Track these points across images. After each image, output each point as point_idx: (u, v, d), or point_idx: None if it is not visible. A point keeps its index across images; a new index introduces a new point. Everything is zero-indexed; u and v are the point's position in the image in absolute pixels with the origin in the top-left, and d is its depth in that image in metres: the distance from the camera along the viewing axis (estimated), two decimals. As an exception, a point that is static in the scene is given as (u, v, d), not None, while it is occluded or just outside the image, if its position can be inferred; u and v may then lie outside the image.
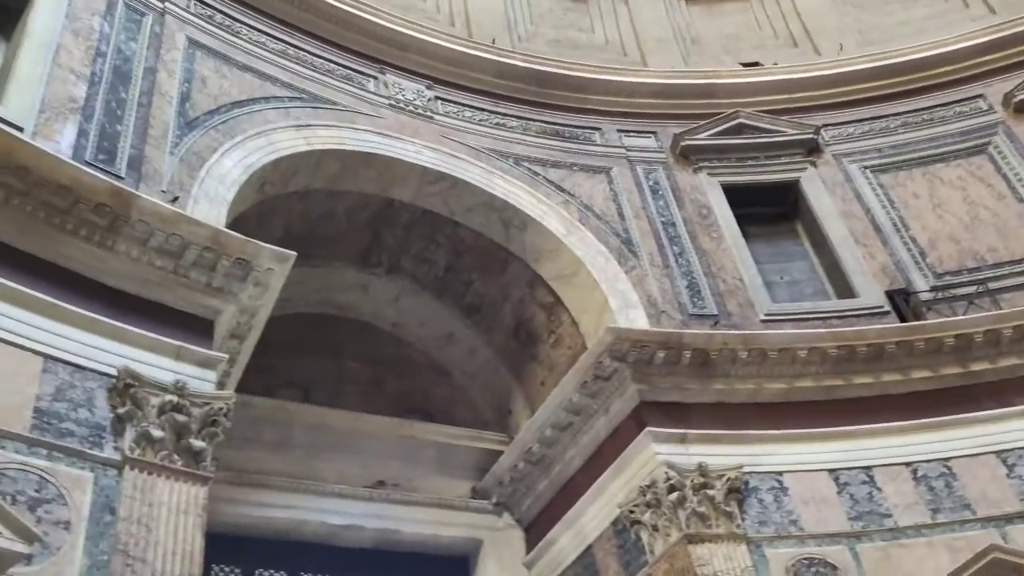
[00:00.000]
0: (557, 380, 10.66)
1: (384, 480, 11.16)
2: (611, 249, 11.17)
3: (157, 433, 7.17)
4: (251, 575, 10.19)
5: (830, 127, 12.99)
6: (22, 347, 7.00)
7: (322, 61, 11.60)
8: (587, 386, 10.02)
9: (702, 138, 12.77)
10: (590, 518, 10.14)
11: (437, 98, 12.30)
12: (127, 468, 6.98)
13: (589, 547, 10.13)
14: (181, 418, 7.33)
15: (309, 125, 10.58)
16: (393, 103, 11.77)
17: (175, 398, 7.37)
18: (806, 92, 13.42)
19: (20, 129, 7.92)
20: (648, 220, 11.76)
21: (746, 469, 9.28)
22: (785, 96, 13.42)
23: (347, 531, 10.72)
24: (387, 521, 10.91)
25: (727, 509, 9.00)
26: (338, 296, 12.23)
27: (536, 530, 11.20)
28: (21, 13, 9.11)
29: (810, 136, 12.70)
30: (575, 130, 12.84)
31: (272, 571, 10.31)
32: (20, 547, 5.73)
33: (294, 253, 8.51)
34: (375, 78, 12.01)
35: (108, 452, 7.05)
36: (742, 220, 11.94)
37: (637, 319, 10.38)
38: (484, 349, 12.40)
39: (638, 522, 9.26)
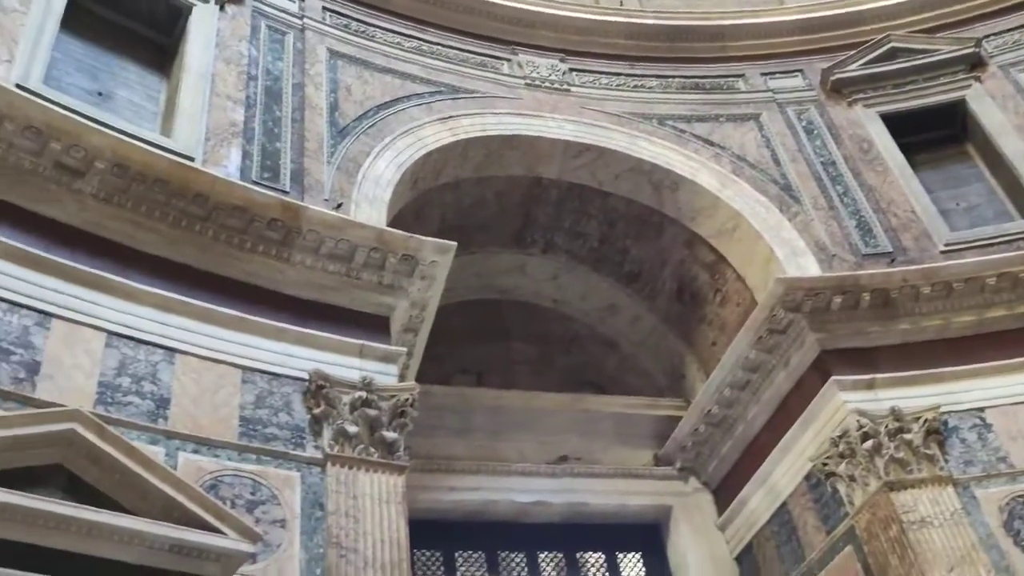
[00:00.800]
0: (729, 339, 10.43)
1: (566, 455, 11.27)
2: (770, 197, 10.81)
3: (352, 429, 7.51)
4: (451, 557, 10.53)
5: (992, 37, 12.07)
6: (223, 362, 7.50)
7: (456, 51, 11.76)
8: (762, 341, 9.76)
9: (853, 69, 12.14)
10: (780, 475, 9.91)
11: (572, 70, 12.23)
12: (329, 464, 7.35)
13: (783, 504, 9.90)
14: (372, 412, 7.64)
15: (452, 116, 10.75)
16: (528, 82, 11.79)
17: (364, 394, 7.69)
18: (961, 4, 12.52)
19: (191, 159, 8.43)
20: (806, 162, 11.30)
21: (943, 409, 8.81)
22: (937, 12, 12.56)
23: (536, 507, 10.91)
24: (573, 495, 11.03)
25: (927, 452, 8.59)
26: (498, 280, 12.40)
27: (725, 492, 11.05)
28: (177, 51, 9.69)
29: (971, 50, 11.85)
30: (717, 80, 12.49)
31: (470, 552, 10.62)
32: (246, 547, 6.13)
33: (454, 243, 8.70)
34: (508, 60, 12.06)
35: (310, 451, 7.44)
36: (906, 149, 11.29)
37: (807, 266, 10.02)
38: (648, 316, 12.29)
39: (833, 474, 8.97)
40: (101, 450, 5.92)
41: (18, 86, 7.80)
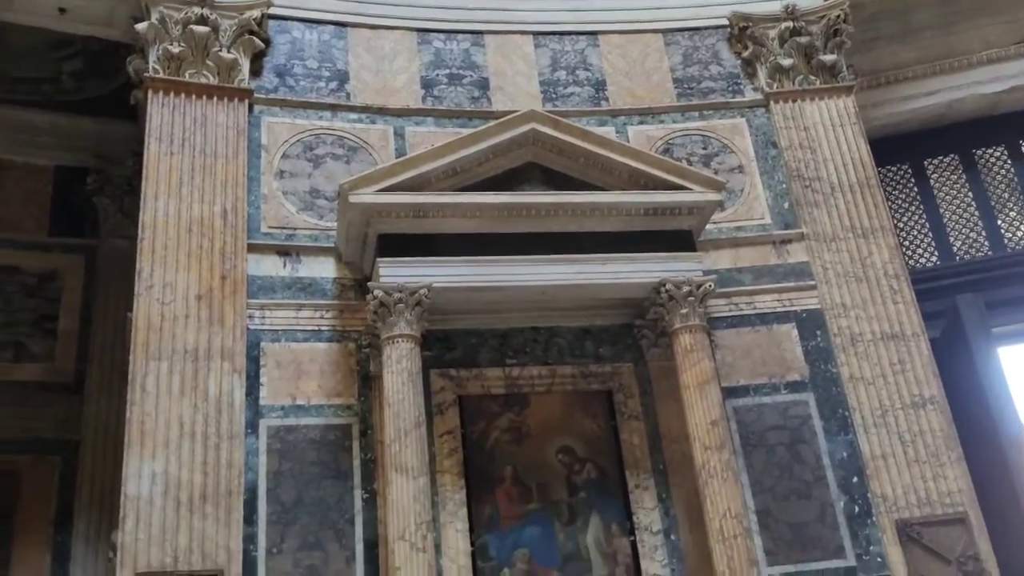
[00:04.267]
0: None
1: (1037, 29, 9.77)
2: None
3: (786, 62, 7.29)
4: (920, 167, 10.02)
5: None
6: (643, 31, 7.59)
7: None
8: None
9: None
10: None
11: None
12: (772, 103, 7.27)
13: None
14: (803, 40, 7.33)
15: None
16: None
17: (790, 23, 7.33)
18: None
19: None
20: None
21: None
22: None
23: (1011, 95, 9.78)
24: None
25: None
26: None
27: None
28: None
29: None
30: None
31: (940, 157, 10.01)
32: (713, 196, 6.42)
33: None
34: None
35: (749, 95, 7.39)
36: None
37: None
38: None
39: None
40: (561, 140, 6.44)
41: None
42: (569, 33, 7.53)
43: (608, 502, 6.14)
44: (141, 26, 6.72)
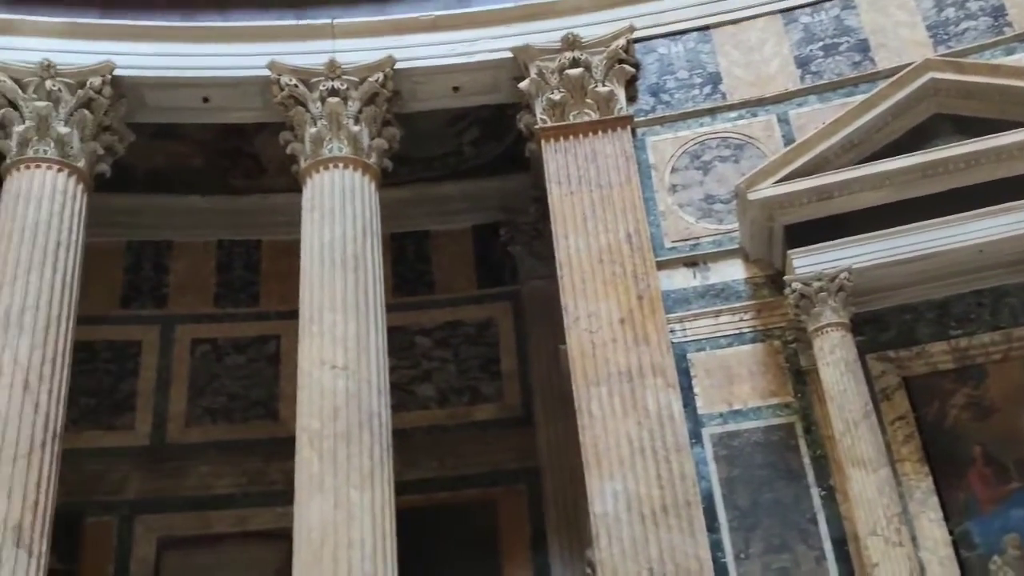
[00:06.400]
0: None
1: None
2: None
3: None
4: None
5: None
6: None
7: None
8: None
9: None
10: None
11: None
12: None
13: None
14: None
15: None
16: None
17: None
18: None
19: None
20: None
21: None
22: None
23: None
24: None
25: None
26: None
27: None
28: None
29: None
30: None
31: None
32: None
33: None
34: None
35: None
36: None
37: None
38: None
39: None
40: (967, 83, 5.85)
41: None
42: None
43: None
44: (523, 84, 7.28)
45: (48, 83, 6.95)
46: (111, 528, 8.36)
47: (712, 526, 5.69)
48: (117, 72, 7.16)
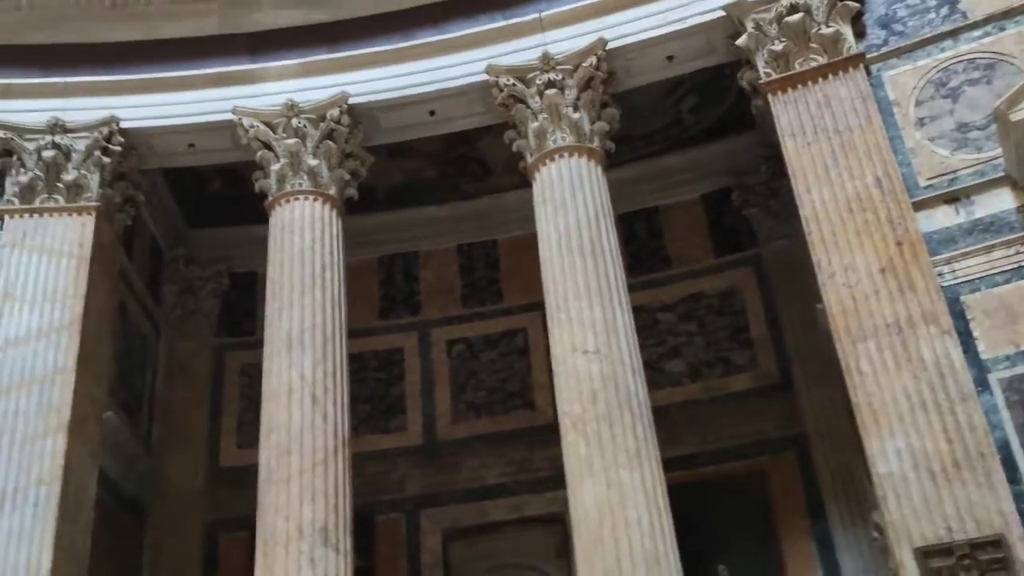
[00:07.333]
0: None
1: None
2: None
3: None
4: None
5: None
6: None
7: None
8: None
9: None
10: None
11: None
12: None
13: None
14: None
15: None
16: None
17: None
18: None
19: None
20: None
21: None
22: None
23: None
24: None
25: None
26: None
27: None
28: None
29: None
30: None
31: None
32: None
33: None
34: None
35: None
36: None
37: None
38: None
39: None
40: None
41: None
42: None
43: None
44: (741, 40, 7.03)
45: (294, 121, 7.55)
46: (400, 524, 8.93)
47: (1013, 477, 5.25)
48: (351, 101, 7.66)
